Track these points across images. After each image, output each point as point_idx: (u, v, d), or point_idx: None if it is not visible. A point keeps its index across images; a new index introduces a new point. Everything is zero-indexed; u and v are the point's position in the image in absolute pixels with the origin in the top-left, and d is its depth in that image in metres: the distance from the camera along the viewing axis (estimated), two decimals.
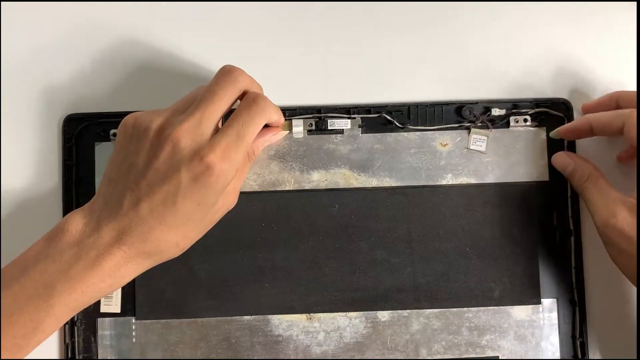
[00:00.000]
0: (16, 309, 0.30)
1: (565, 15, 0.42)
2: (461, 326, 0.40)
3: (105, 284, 0.31)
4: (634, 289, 0.40)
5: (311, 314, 0.40)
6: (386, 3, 0.42)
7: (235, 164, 0.31)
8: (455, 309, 0.40)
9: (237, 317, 0.40)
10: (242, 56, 0.41)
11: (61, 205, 0.40)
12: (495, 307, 0.40)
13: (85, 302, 0.31)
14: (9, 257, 0.40)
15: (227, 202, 0.34)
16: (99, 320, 0.40)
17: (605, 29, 0.42)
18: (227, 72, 0.33)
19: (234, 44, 0.41)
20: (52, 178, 0.40)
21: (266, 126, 0.34)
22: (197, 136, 0.31)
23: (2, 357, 0.30)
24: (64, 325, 0.38)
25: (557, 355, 0.40)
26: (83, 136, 0.40)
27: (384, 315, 0.40)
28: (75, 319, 0.40)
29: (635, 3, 0.42)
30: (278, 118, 0.36)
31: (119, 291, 0.40)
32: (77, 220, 0.32)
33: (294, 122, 0.40)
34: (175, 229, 0.31)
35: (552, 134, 0.40)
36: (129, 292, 0.40)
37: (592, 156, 0.40)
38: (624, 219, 0.35)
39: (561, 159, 0.40)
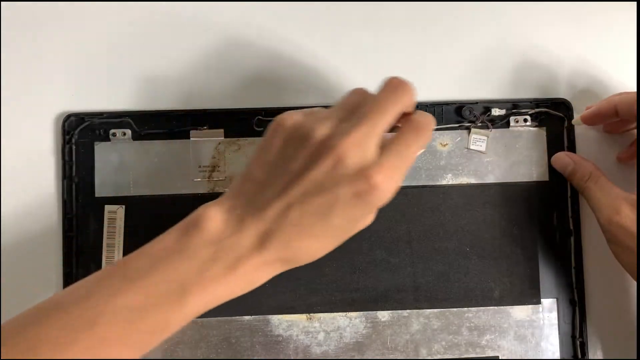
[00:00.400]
0: (149, 304, 0.28)
1: (565, 15, 0.42)
2: (461, 326, 0.40)
3: (237, 287, 0.30)
4: (634, 288, 0.40)
5: (311, 314, 0.40)
6: (386, 3, 0.42)
7: (397, 186, 0.30)
8: (455, 309, 0.40)
9: (237, 317, 0.40)
10: (241, 55, 0.41)
11: (60, 205, 0.40)
12: (495, 307, 0.40)
13: (212, 304, 0.30)
14: (8, 256, 0.40)
15: (368, 220, 0.32)
16: None
17: (605, 29, 0.42)
18: (396, 86, 0.32)
19: (234, 44, 0.41)
20: (51, 178, 0.40)
21: None
22: (362, 152, 0.29)
23: (129, 355, 0.29)
24: None
25: (557, 355, 0.40)
26: (83, 136, 0.40)
27: (384, 315, 0.40)
28: None
29: (635, 3, 0.42)
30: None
31: None
32: (216, 217, 0.30)
33: None
34: (318, 240, 0.30)
35: (574, 121, 0.40)
36: None
37: (592, 156, 0.40)
38: (628, 216, 0.35)
39: (561, 159, 0.40)
